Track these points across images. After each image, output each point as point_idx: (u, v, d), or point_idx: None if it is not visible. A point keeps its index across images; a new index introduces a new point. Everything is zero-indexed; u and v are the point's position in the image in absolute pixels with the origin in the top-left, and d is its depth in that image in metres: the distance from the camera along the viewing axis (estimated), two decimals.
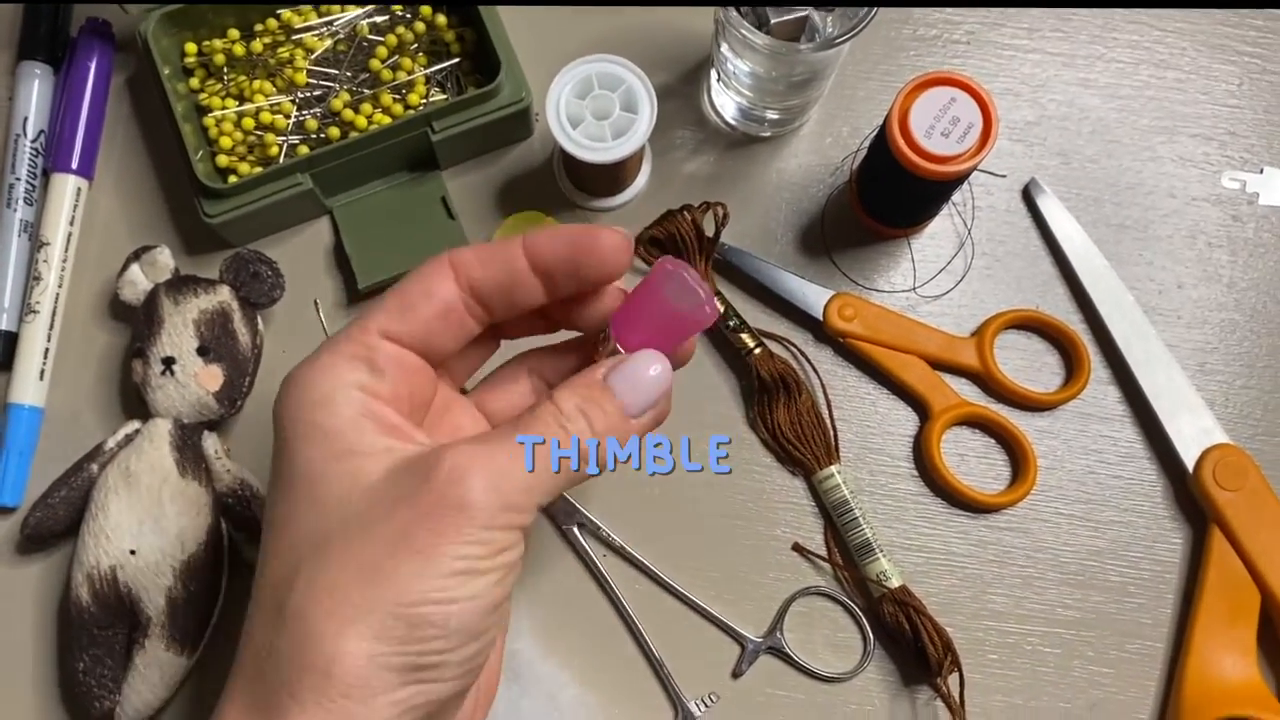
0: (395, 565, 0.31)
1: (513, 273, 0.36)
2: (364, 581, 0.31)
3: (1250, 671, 0.52)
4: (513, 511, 0.33)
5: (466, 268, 0.36)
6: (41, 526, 0.52)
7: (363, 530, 0.32)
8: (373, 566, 0.31)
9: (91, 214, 0.58)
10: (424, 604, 0.31)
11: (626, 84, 0.52)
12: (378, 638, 0.31)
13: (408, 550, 0.31)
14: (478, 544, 0.32)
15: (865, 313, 0.56)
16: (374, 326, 0.36)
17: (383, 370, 0.36)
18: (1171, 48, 0.61)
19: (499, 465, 0.33)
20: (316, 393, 0.35)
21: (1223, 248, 0.58)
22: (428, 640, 0.31)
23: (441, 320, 0.36)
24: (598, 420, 0.35)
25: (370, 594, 0.31)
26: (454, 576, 0.31)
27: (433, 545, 0.31)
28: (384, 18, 0.58)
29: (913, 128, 0.49)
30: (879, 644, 0.54)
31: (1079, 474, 0.56)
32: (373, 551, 0.32)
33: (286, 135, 0.57)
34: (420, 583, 0.31)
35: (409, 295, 0.36)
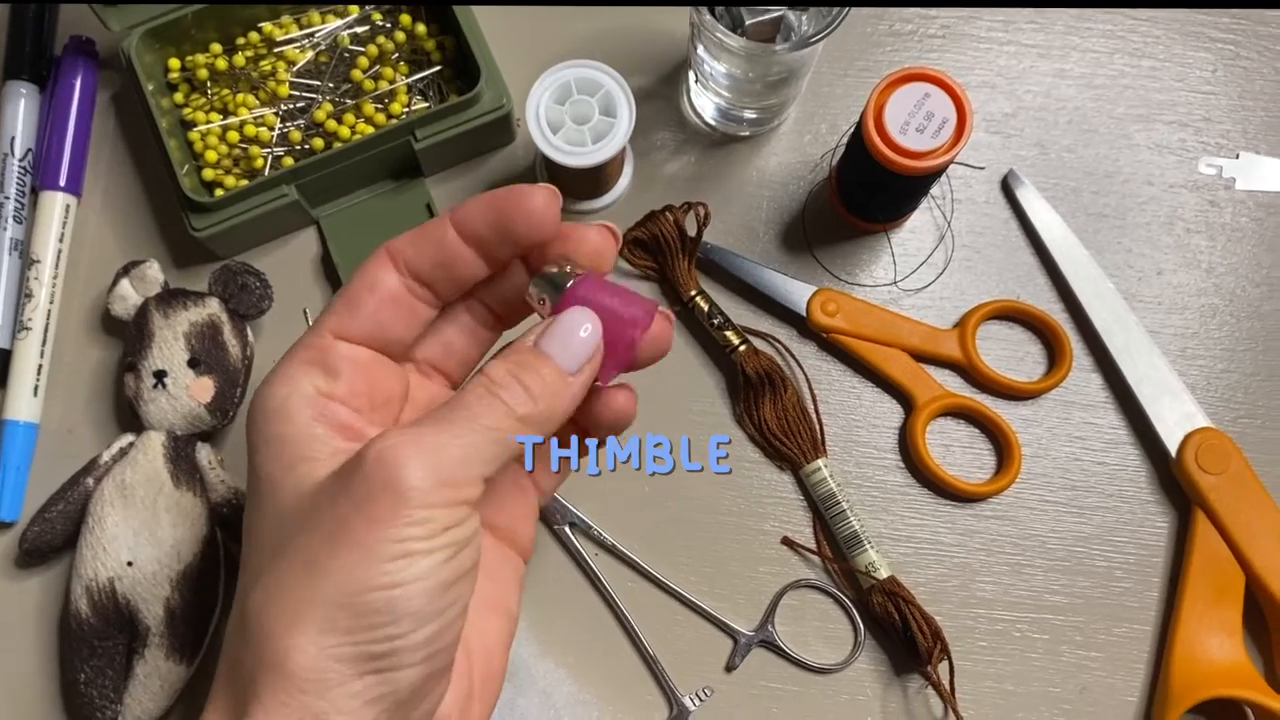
0: (334, 557, 0.31)
1: (444, 246, 0.36)
2: (308, 577, 0.31)
3: (1237, 652, 0.53)
4: (450, 487, 0.32)
5: (401, 251, 0.36)
6: (39, 541, 0.53)
7: (306, 529, 0.32)
8: (314, 561, 0.31)
9: (81, 230, 0.59)
10: (366, 591, 0.31)
11: (605, 88, 0.53)
12: (324, 630, 0.31)
13: (346, 541, 0.31)
14: (414, 524, 0.31)
15: (848, 307, 0.56)
16: (325, 329, 0.36)
17: (337, 370, 0.36)
18: (1146, 36, 0.61)
19: (429, 443, 0.32)
20: (273, 403, 0.35)
21: (1201, 233, 0.59)
22: (376, 628, 0.31)
23: (390, 309, 0.36)
24: (534, 383, 0.34)
25: (314, 588, 0.31)
26: (394, 561, 0.31)
27: (368, 532, 0.31)
28: (365, 28, 0.58)
29: (888, 124, 0.49)
30: (869, 634, 0.54)
31: (1063, 461, 0.56)
32: (314, 547, 0.32)
33: (271, 147, 0.57)
34: (360, 570, 0.31)
35: (353, 291, 0.36)
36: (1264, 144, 0.60)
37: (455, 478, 0.32)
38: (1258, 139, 0.60)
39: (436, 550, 0.32)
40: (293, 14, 0.58)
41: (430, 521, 0.32)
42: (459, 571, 0.33)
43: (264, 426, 0.35)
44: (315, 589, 0.31)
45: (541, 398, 0.34)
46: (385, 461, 0.31)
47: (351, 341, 0.36)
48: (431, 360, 0.40)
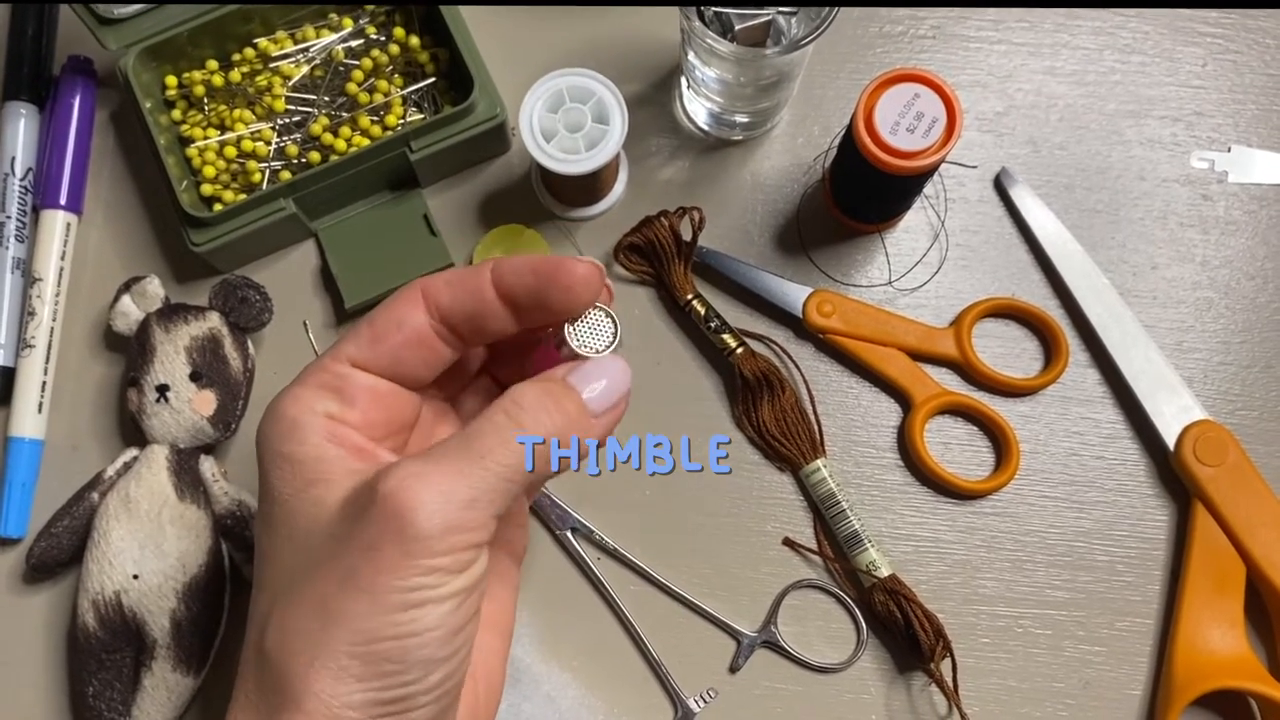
0: (344, 604, 0.31)
1: (480, 301, 0.36)
2: (320, 621, 0.31)
3: (1239, 643, 0.53)
4: (461, 532, 0.31)
5: (436, 295, 0.36)
6: (46, 556, 0.53)
7: (318, 567, 0.32)
8: (326, 606, 0.31)
9: (82, 248, 0.59)
10: (377, 641, 0.31)
11: (597, 96, 0.53)
12: (338, 679, 0.31)
13: (354, 588, 0.31)
14: (424, 574, 0.31)
15: (844, 308, 0.57)
16: (344, 355, 0.36)
17: (352, 398, 0.36)
18: (1135, 32, 0.61)
19: (440, 486, 0.31)
20: (285, 422, 0.35)
21: (1194, 227, 0.59)
22: (389, 675, 0.31)
23: (412, 349, 0.36)
24: (556, 416, 0.34)
25: (327, 634, 0.31)
26: (405, 611, 0.31)
27: (377, 581, 0.31)
28: (359, 42, 0.59)
29: (878, 125, 0.50)
30: (872, 633, 0.54)
31: (1062, 457, 0.56)
32: (325, 589, 0.31)
33: (268, 162, 0.58)
34: (370, 621, 0.31)
35: (379, 325, 0.36)
36: (1255, 137, 0.60)
37: (466, 522, 0.31)
38: (1249, 132, 0.60)
39: (448, 599, 0.32)
40: (287, 29, 0.59)
41: (441, 569, 0.31)
42: (469, 615, 0.33)
43: (275, 445, 0.35)
44: (329, 634, 0.31)
45: (563, 431, 0.34)
46: (395, 505, 0.31)
47: (369, 371, 0.36)
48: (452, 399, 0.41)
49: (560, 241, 0.59)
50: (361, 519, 0.31)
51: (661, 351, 0.58)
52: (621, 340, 0.37)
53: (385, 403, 0.37)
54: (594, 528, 0.55)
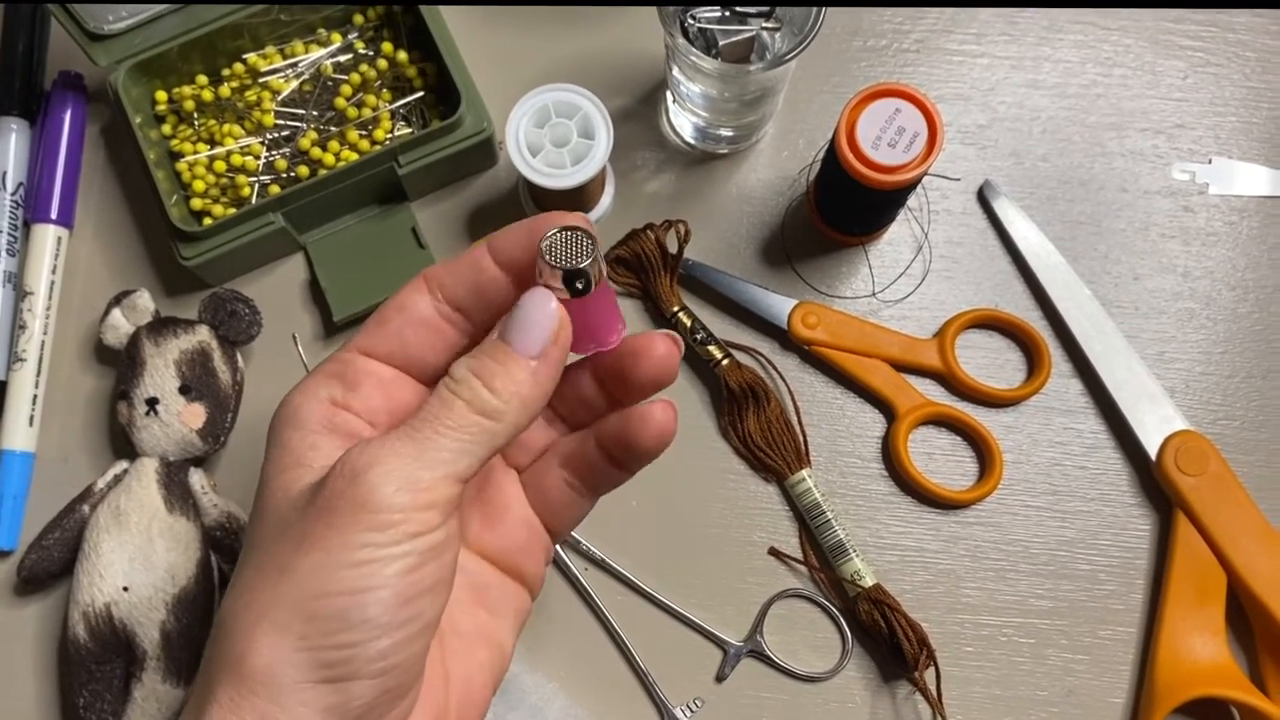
0: (298, 561, 0.31)
1: (479, 272, 0.36)
2: (272, 580, 0.32)
3: (1221, 651, 0.53)
4: (413, 490, 0.31)
5: (437, 277, 0.37)
6: (37, 568, 0.54)
7: (278, 533, 0.33)
8: (280, 565, 0.32)
9: (73, 262, 0.60)
10: (324, 596, 0.31)
11: (583, 110, 0.54)
12: (281, 633, 0.31)
13: (309, 546, 0.31)
14: (373, 531, 0.31)
15: (828, 320, 0.57)
16: (353, 345, 0.37)
17: (355, 383, 0.36)
18: (1116, 45, 0.62)
19: (393, 447, 0.32)
20: (288, 410, 0.36)
21: (1176, 238, 0.60)
22: (329, 634, 0.31)
23: (415, 329, 0.37)
24: (495, 376, 0.33)
25: (276, 591, 0.31)
26: (355, 568, 0.31)
27: (330, 537, 0.31)
28: (347, 57, 0.60)
29: (860, 140, 0.50)
30: (857, 642, 0.55)
31: (1045, 467, 0.57)
32: (282, 551, 0.32)
33: (257, 176, 0.58)
34: (320, 575, 0.31)
35: (383, 311, 0.37)
36: (1236, 149, 0.61)
37: (419, 480, 0.32)
38: (1230, 144, 0.61)
39: (397, 558, 0.31)
40: (276, 44, 0.59)
41: (393, 526, 0.31)
42: (424, 584, 0.32)
43: (276, 432, 0.36)
44: (277, 592, 0.31)
45: (503, 390, 0.33)
46: (350, 467, 0.32)
47: (376, 358, 0.37)
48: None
49: None
50: (323, 487, 0.32)
51: None
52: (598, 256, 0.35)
53: (388, 389, 0.37)
54: (581, 538, 0.56)
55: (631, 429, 0.38)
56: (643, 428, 0.38)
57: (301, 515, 0.32)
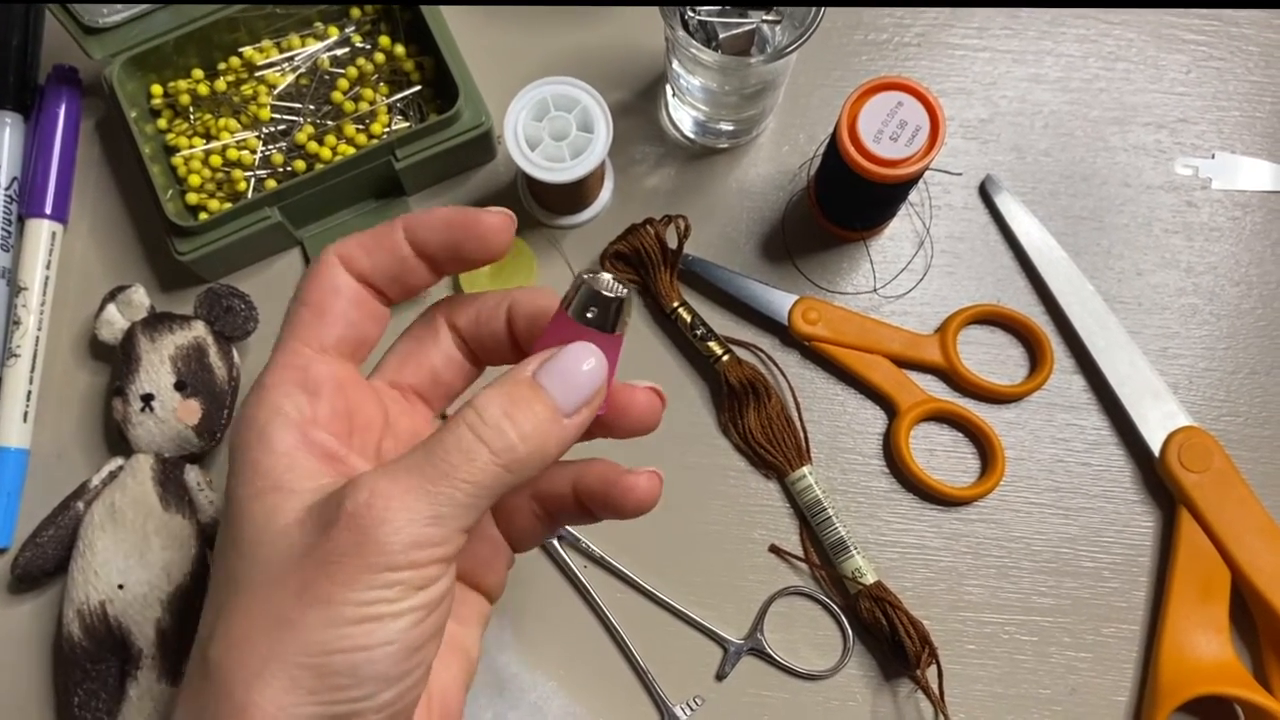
0: (301, 615, 0.30)
1: (399, 260, 0.35)
2: (272, 632, 0.30)
3: (1224, 649, 0.53)
4: (424, 547, 0.30)
5: (353, 259, 0.35)
6: (31, 566, 0.53)
7: (272, 578, 0.31)
8: (280, 617, 0.30)
9: (67, 257, 0.59)
10: (331, 653, 0.30)
11: (581, 104, 0.53)
12: (287, 689, 0.30)
13: (312, 599, 0.30)
14: (383, 588, 0.30)
15: (829, 315, 0.57)
16: (298, 343, 0.35)
17: (317, 389, 0.34)
18: (1119, 39, 0.62)
19: (404, 500, 0.30)
20: (255, 428, 0.33)
21: (1179, 233, 0.59)
22: (339, 689, 0.30)
23: (356, 309, 0.35)
24: (526, 423, 0.31)
25: (277, 645, 0.30)
26: (361, 624, 0.30)
27: (335, 593, 0.30)
28: (344, 50, 0.59)
29: (861, 133, 0.50)
30: (858, 640, 0.54)
31: (1047, 463, 0.57)
32: (281, 601, 0.30)
33: (254, 170, 0.58)
34: (326, 632, 0.30)
35: (315, 299, 0.35)
36: (1239, 143, 0.60)
37: (430, 537, 0.30)
38: (1233, 138, 0.60)
39: (406, 614, 0.30)
40: (273, 38, 0.59)
41: (402, 583, 0.30)
42: (428, 634, 0.31)
43: (244, 452, 0.33)
44: (279, 647, 0.30)
45: (531, 439, 0.31)
46: (359, 520, 0.30)
47: (326, 351, 0.35)
48: (416, 388, 0.39)
49: (547, 249, 0.59)
50: (325, 532, 0.30)
51: (647, 359, 0.58)
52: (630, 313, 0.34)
53: (347, 393, 0.35)
54: (580, 536, 0.55)
55: (614, 497, 0.37)
56: (625, 497, 0.37)
57: (301, 561, 0.31)
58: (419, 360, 0.39)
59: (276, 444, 0.33)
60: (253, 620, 0.31)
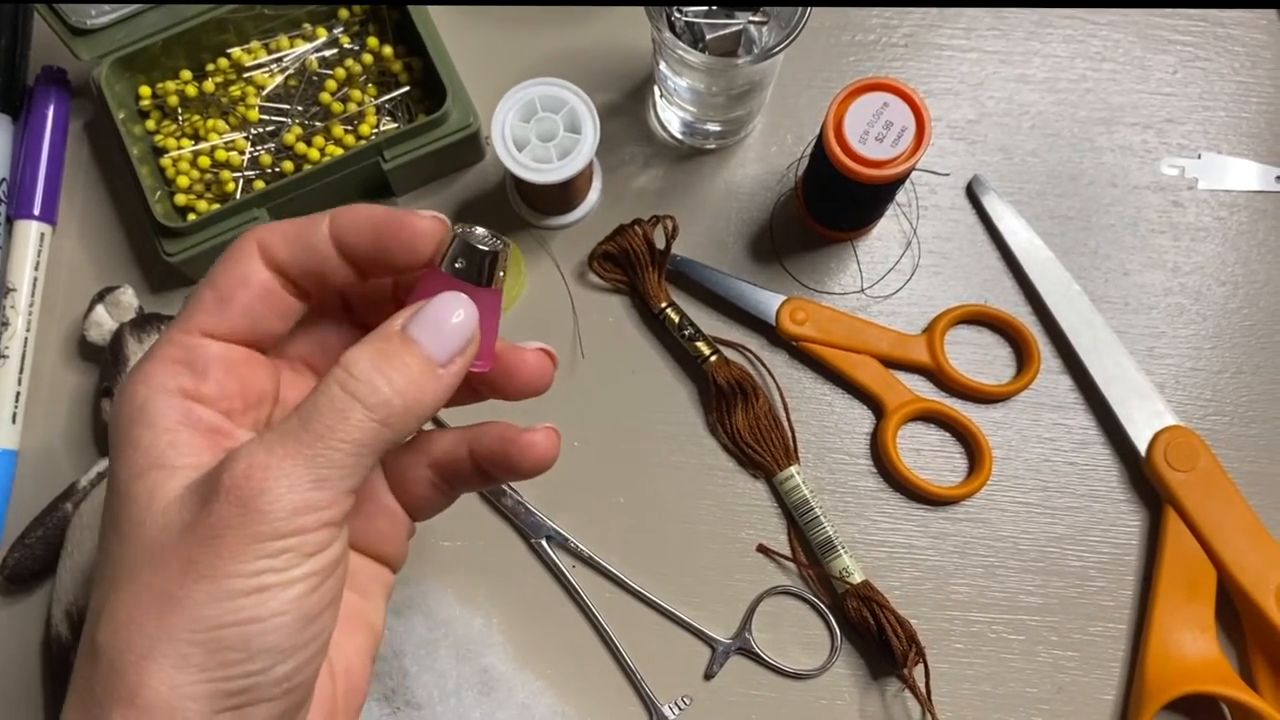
0: (187, 591, 0.29)
1: (319, 258, 0.34)
2: (158, 611, 0.29)
3: (1210, 648, 0.53)
4: (309, 512, 0.29)
5: (272, 249, 0.33)
6: (20, 567, 0.53)
7: (155, 556, 0.30)
8: (165, 595, 0.29)
9: (56, 258, 0.59)
10: (219, 627, 0.29)
11: (569, 105, 0.53)
12: (177, 667, 0.29)
13: (196, 574, 0.29)
14: (270, 557, 0.29)
15: (817, 316, 0.57)
16: (193, 326, 0.33)
17: (204, 370, 0.33)
18: (1106, 40, 0.62)
19: (284, 468, 0.29)
20: (134, 404, 0.32)
21: (1165, 233, 0.60)
22: (231, 665, 0.29)
23: (262, 303, 0.34)
24: (398, 377, 0.31)
25: (165, 623, 0.29)
26: (250, 595, 0.29)
27: (219, 566, 0.29)
28: (333, 51, 0.59)
29: (847, 134, 0.50)
30: (846, 639, 0.55)
31: (1034, 463, 0.57)
32: (164, 579, 0.29)
33: (242, 171, 0.58)
34: (214, 607, 0.29)
35: (222, 285, 0.33)
36: (1225, 144, 0.60)
37: (314, 501, 0.30)
38: (1219, 139, 0.61)
39: (298, 582, 0.30)
40: (261, 39, 0.59)
41: (288, 550, 0.29)
42: (322, 603, 0.31)
43: (123, 430, 0.32)
44: (166, 624, 0.29)
45: (405, 392, 0.31)
46: (238, 492, 0.29)
47: (222, 339, 0.34)
48: (306, 358, 0.37)
49: (535, 250, 0.59)
50: (205, 507, 0.29)
51: (635, 359, 0.58)
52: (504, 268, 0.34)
53: (239, 372, 0.34)
54: (568, 535, 0.55)
55: (513, 455, 0.36)
56: (524, 454, 0.36)
57: (182, 537, 0.30)
58: (304, 329, 0.37)
59: (157, 420, 0.32)
60: (138, 601, 0.30)
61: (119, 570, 0.31)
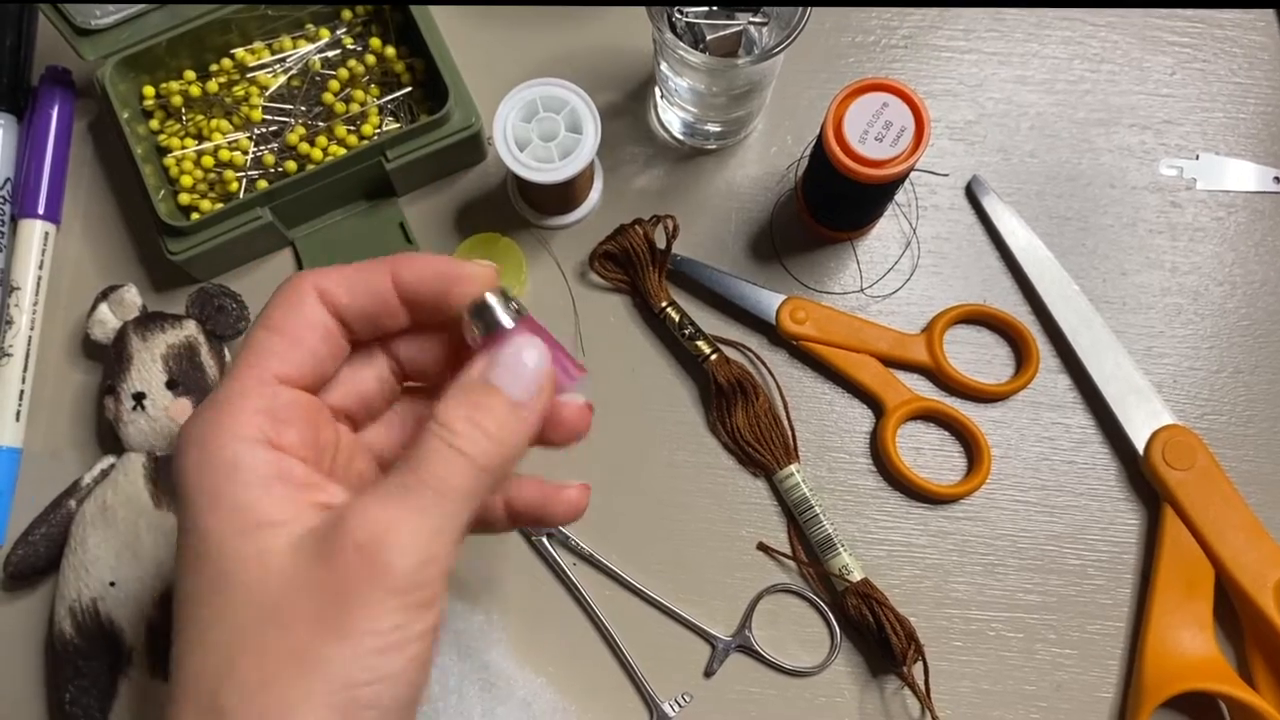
0: (320, 652, 0.29)
1: (381, 303, 0.35)
2: (294, 673, 0.30)
3: (1208, 646, 0.53)
4: (431, 565, 0.31)
5: (332, 294, 0.35)
6: (24, 564, 0.54)
7: (277, 617, 0.30)
8: (299, 656, 0.30)
9: (60, 257, 0.60)
10: (356, 686, 0.29)
11: (570, 105, 0.54)
12: None
13: (330, 634, 0.30)
14: (400, 612, 0.30)
15: (817, 315, 0.57)
16: (268, 372, 0.34)
17: (287, 420, 0.33)
18: (1104, 41, 0.62)
19: (405, 521, 0.30)
20: (223, 459, 0.32)
21: (1163, 234, 0.60)
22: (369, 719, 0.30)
23: (325, 346, 0.35)
24: (490, 422, 0.32)
25: (304, 686, 0.29)
26: (383, 654, 0.30)
27: (353, 624, 0.30)
28: (336, 52, 0.59)
29: (847, 134, 0.50)
30: (845, 637, 0.55)
31: (1033, 461, 0.57)
32: (295, 639, 0.30)
33: (245, 171, 0.58)
34: (351, 665, 0.29)
35: (291, 330, 0.34)
36: (1223, 144, 0.61)
37: (435, 553, 0.31)
38: (1217, 140, 0.61)
39: (424, 634, 0.31)
40: (264, 40, 0.59)
41: (416, 605, 0.30)
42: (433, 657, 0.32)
43: (208, 481, 0.32)
44: (305, 685, 0.29)
45: (498, 437, 0.33)
46: (370, 549, 0.30)
47: (291, 384, 0.34)
48: (342, 407, 0.38)
49: (536, 250, 0.59)
50: (330, 564, 0.30)
51: (636, 359, 0.58)
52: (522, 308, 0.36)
53: (312, 420, 0.35)
54: (569, 533, 0.56)
55: (549, 510, 0.40)
56: (560, 511, 0.40)
57: (307, 596, 0.30)
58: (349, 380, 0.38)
59: (252, 477, 0.32)
60: (267, 663, 0.30)
61: (235, 634, 0.31)
